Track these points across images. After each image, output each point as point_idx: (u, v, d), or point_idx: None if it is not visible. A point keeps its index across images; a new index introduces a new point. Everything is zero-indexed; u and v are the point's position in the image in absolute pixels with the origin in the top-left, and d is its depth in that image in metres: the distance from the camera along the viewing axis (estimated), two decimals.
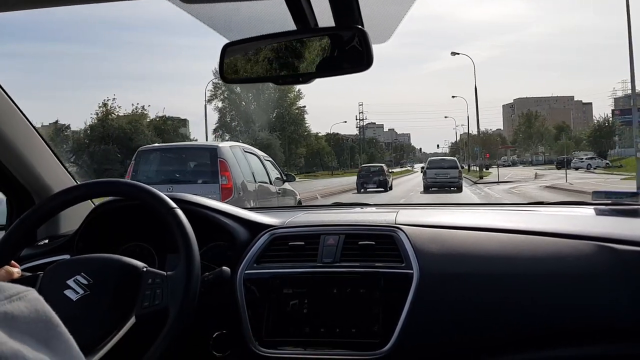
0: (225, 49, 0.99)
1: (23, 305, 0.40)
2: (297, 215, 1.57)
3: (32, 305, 0.40)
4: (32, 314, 0.40)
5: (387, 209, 1.77)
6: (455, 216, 1.54)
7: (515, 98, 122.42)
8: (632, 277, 1.13)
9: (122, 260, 1.05)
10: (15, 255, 1.10)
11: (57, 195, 1.15)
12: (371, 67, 0.90)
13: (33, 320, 0.39)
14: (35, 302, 0.41)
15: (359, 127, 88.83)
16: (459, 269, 1.20)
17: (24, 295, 0.41)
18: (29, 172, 1.51)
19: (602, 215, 1.46)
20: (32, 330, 0.39)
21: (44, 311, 0.41)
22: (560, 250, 1.19)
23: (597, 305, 1.12)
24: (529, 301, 1.14)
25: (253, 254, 1.32)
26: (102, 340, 0.96)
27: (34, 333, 0.39)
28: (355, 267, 1.25)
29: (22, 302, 0.40)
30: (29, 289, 0.42)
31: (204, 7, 0.92)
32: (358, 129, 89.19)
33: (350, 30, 0.90)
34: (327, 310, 1.21)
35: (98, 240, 1.36)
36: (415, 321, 1.15)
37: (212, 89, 53.64)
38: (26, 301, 0.40)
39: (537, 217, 1.54)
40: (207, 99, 50.14)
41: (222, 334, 1.23)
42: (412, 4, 0.92)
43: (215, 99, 54.84)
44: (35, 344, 0.38)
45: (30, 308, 0.40)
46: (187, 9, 0.89)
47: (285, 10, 0.87)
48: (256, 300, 1.25)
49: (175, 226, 1.06)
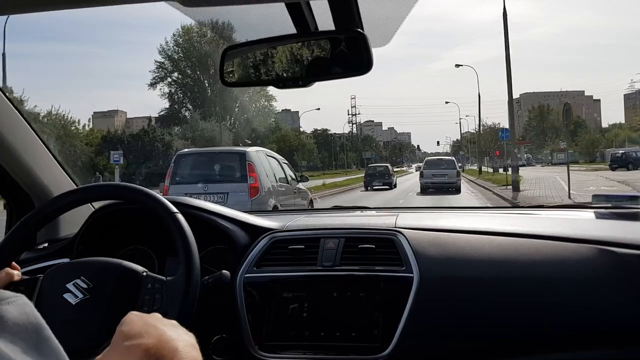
0: (225, 52, 1.00)
1: (13, 309, 0.40)
2: (297, 218, 1.56)
3: (21, 309, 0.41)
4: (22, 318, 0.40)
5: (387, 213, 1.77)
6: (455, 219, 1.54)
7: (522, 93, 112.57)
8: (632, 280, 1.13)
9: (122, 265, 1.05)
10: (15, 258, 1.10)
11: (57, 199, 1.15)
12: (371, 70, 0.90)
13: (22, 323, 0.40)
14: (25, 306, 0.41)
15: (351, 122, 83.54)
16: (459, 272, 1.20)
17: (13, 300, 0.41)
18: (28, 176, 1.51)
19: (602, 218, 1.46)
20: (21, 334, 0.39)
21: (33, 315, 0.41)
22: (561, 253, 1.19)
23: (598, 308, 1.12)
24: (529, 305, 1.14)
25: (253, 258, 1.31)
26: (100, 345, 0.96)
27: (23, 336, 0.39)
28: (355, 270, 1.25)
29: (12, 307, 0.40)
30: (19, 295, 0.42)
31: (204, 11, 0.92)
32: (350, 124, 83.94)
33: (350, 34, 0.90)
34: (327, 314, 1.21)
35: (98, 244, 1.36)
36: (416, 324, 1.15)
37: (154, 69, 48.12)
38: (16, 305, 0.41)
39: (538, 220, 1.54)
40: (150, 82, 46.20)
41: (221, 337, 1.23)
42: (412, 7, 0.92)
43: (160, 82, 48.24)
44: (24, 347, 0.38)
45: (20, 312, 0.40)
46: (187, 13, 0.89)
47: (285, 13, 0.87)
48: (256, 304, 1.24)
49: (175, 231, 1.06)
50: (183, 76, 48.88)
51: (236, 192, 7.32)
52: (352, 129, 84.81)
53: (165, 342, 0.59)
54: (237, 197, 7.23)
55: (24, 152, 1.46)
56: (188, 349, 0.59)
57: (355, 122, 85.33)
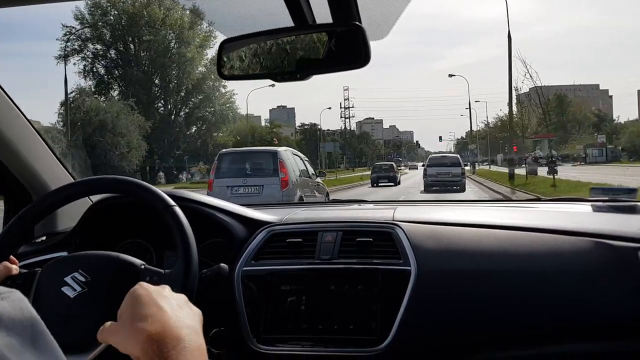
0: (223, 45, 0.99)
1: (7, 305, 0.40)
2: (295, 212, 1.57)
3: (16, 305, 0.41)
4: (17, 313, 0.40)
5: (384, 206, 1.77)
6: (453, 213, 1.54)
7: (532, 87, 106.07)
8: (629, 273, 1.13)
9: (120, 258, 1.05)
10: (13, 252, 1.10)
11: (55, 192, 1.15)
12: (369, 63, 0.90)
13: (17, 319, 0.40)
14: (19, 302, 0.41)
15: (343, 116, 71.82)
16: (456, 265, 1.20)
17: (7, 295, 0.41)
18: (26, 170, 1.50)
19: (599, 211, 1.46)
20: (16, 329, 0.39)
21: (28, 311, 0.41)
22: (558, 246, 1.20)
23: (595, 301, 1.13)
24: (527, 297, 1.15)
25: (251, 251, 1.32)
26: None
27: (18, 332, 0.39)
28: (353, 263, 1.25)
29: (6, 302, 0.40)
30: (13, 290, 0.42)
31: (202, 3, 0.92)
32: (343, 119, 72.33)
33: (347, 27, 0.89)
34: (325, 307, 1.21)
35: (96, 237, 1.36)
36: (413, 317, 1.15)
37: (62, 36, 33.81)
38: (10, 301, 0.41)
39: (535, 213, 1.54)
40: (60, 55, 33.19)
41: (219, 330, 1.23)
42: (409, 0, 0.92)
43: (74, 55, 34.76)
44: (20, 342, 0.38)
45: (14, 307, 0.40)
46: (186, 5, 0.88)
47: (282, 6, 0.87)
48: (254, 297, 1.25)
49: (173, 224, 1.06)
50: (103, 46, 36.23)
51: (270, 185, 8.73)
52: (344, 124, 74.51)
53: (169, 329, 0.60)
54: (270, 188, 8.63)
55: (21, 147, 1.46)
56: (191, 337, 0.60)
57: (349, 117, 74.24)
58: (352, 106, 77.24)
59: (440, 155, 23.98)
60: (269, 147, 12.60)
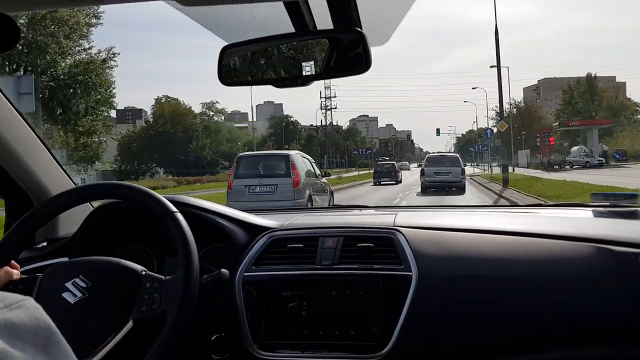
0: (224, 51, 0.99)
1: (22, 314, 0.40)
2: (296, 217, 1.56)
3: (31, 313, 0.41)
4: (32, 322, 0.40)
5: (385, 211, 1.77)
6: (454, 218, 1.54)
7: (541, 79, 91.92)
8: (630, 278, 1.13)
9: (121, 264, 1.05)
10: (14, 257, 1.10)
11: (56, 198, 1.15)
12: (370, 69, 0.90)
13: (32, 328, 0.40)
14: (34, 310, 0.41)
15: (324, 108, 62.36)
16: (457, 271, 1.20)
17: (22, 303, 0.41)
18: (27, 175, 1.51)
19: (600, 217, 1.46)
20: (31, 338, 0.39)
21: (43, 319, 0.41)
22: (559, 252, 1.20)
23: (596, 306, 1.12)
24: (528, 303, 1.14)
25: (252, 257, 1.31)
26: (99, 344, 0.96)
27: (33, 341, 0.39)
28: (354, 269, 1.25)
29: (22, 311, 0.40)
30: (27, 298, 0.42)
31: (203, 10, 0.92)
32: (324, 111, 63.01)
33: (348, 33, 0.90)
34: (326, 313, 1.21)
35: (97, 243, 1.36)
36: (414, 323, 1.15)
37: None
38: (25, 309, 0.40)
39: (536, 219, 1.54)
40: None
41: (220, 336, 1.23)
42: (410, 5, 0.92)
43: None
44: (35, 351, 0.38)
45: (29, 316, 0.40)
46: (186, 12, 0.89)
47: (284, 12, 0.87)
48: (255, 303, 1.24)
49: (174, 230, 1.05)
50: None
51: (283, 184, 9.79)
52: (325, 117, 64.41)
53: None
54: (283, 187, 9.73)
55: (23, 152, 1.46)
56: None
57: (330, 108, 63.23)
58: (334, 96, 69.81)
59: (439, 155, 22.13)
60: (281, 151, 13.87)
